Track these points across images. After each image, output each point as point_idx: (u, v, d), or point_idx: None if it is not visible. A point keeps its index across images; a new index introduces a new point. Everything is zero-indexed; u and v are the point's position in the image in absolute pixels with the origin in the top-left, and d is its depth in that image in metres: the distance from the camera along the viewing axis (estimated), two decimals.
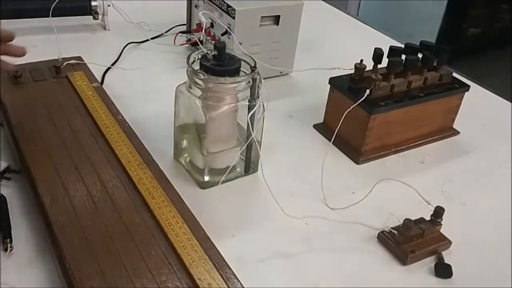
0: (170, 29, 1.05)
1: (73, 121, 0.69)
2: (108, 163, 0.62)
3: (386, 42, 1.14)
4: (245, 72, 0.65)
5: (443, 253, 0.61)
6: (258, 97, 0.65)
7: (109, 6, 1.03)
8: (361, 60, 0.75)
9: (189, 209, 0.57)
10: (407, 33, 2.31)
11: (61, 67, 0.79)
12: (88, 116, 0.70)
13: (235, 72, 0.63)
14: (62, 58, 0.81)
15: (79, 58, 0.84)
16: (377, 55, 0.74)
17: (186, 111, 0.67)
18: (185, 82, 0.67)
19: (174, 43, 0.95)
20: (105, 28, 1.06)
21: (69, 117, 0.70)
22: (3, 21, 0.89)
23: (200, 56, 0.65)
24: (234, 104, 0.65)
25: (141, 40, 1.02)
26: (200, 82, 0.63)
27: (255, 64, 0.64)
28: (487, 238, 0.65)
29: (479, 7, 2.62)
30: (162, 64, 0.96)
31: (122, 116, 0.72)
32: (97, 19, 1.05)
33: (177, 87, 0.67)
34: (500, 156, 0.81)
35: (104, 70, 0.90)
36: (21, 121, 0.68)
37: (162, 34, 1.03)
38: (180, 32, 0.97)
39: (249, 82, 0.64)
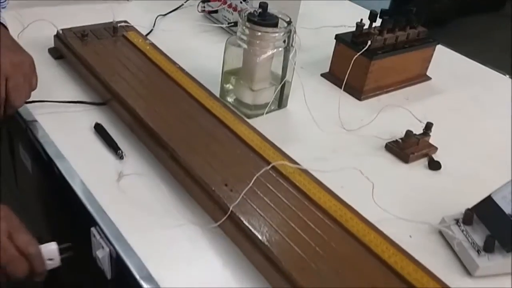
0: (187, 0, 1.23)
1: (142, 68, 0.86)
2: (182, 97, 0.80)
3: (361, 12, 1.35)
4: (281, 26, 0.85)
5: (433, 155, 0.84)
6: (293, 46, 0.85)
7: None
8: (361, 20, 0.97)
9: (255, 128, 0.77)
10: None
11: (117, 27, 0.95)
12: (153, 65, 0.88)
13: (276, 25, 0.83)
14: (116, 21, 0.97)
15: (126, 21, 1.00)
16: (373, 15, 0.96)
17: (235, 58, 0.86)
18: (231, 35, 0.86)
19: (198, 9, 1.12)
20: None
21: (138, 65, 0.87)
22: None
23: (246, 14, 0.84)
24: (275, 50, 0.84)
25: (167, 12, 1.18)
26: (248, 32, 0.82)
27: (290, 19, 0.84)
28: (460, 147, 0.89)
29: None
30: (187, 29, 1.13)
31: (179, 65, 0.89)
32: None
33: (227, 39, 0.86)
34: (462, 95, 1.06)
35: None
36: (103, 67, 0.84)
37: (182, 5, 1.21)
38: (201, 1, 1.15)
39: (286, 33, 0.83)
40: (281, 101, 0.90)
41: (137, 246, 0.62)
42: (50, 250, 0.62)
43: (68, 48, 0.90)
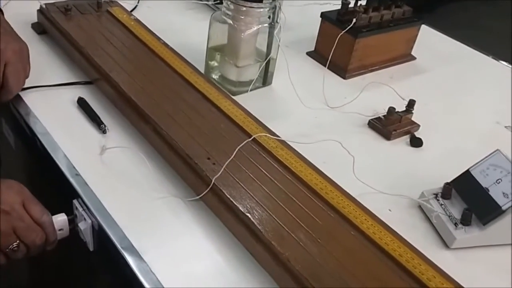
0: None
1: (126, 43, 0.86)
2: (166, 73, 0.80)
3: None
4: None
5: (415, 133, 0.85)
6: (278, 22, 0.85)
7: None
8: None
9: (238, 103, 0.77)
10: None
11: (102, 2, 0.94)
12: (137, 40, 0.87)
13: (261, 0, 0.83)
14: None
15: None
16: None
17: (220, 34, 0.86)
18: (215, 11, 0.86)
19: None
20: None
21: (122, 40, 0.86)
22: None
23: None
24: (260, 26, 0.84)
25: None
26: (233, 7, 0.82)
27: None
28: (442, 125, 0.90)
29: None
30: (172, 6, 1.12)
31: (163, 41, 0.89)
32: None
33: (212, 15, 0.86)
34: (446, 75, 1.07)
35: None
36: (86, 41, 0.84)
37: None
38: None
39: (271, 8, 0.83)
40: (265, 78, 0.91)
41: (119, 218, 0.62)
42: (61, 221, 0.65)
43: (52, 23, 0.89)
